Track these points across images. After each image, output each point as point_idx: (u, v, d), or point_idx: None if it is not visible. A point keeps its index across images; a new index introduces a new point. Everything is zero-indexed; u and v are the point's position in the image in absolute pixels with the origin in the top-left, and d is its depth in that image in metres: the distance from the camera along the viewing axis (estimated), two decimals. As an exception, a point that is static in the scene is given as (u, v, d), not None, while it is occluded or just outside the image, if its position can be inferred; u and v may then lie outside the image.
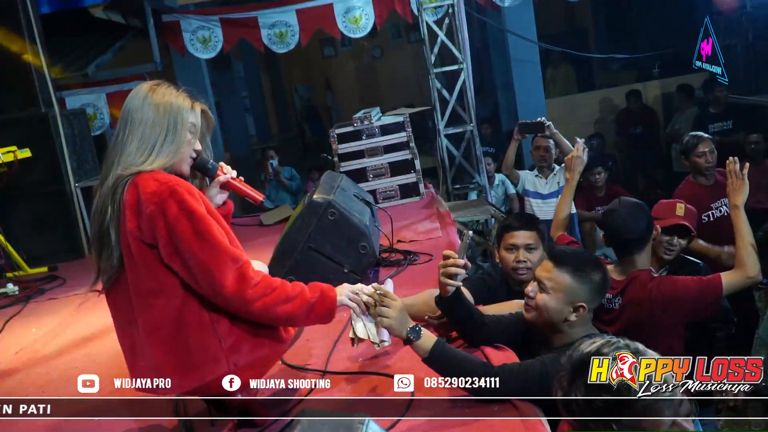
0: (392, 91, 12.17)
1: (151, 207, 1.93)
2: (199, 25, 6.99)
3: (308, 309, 2.08)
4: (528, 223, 3.13)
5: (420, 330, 2.20)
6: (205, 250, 1.95)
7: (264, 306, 2.00)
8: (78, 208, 5.36)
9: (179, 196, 1.95)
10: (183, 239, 1.94)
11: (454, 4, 5.89)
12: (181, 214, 1.94)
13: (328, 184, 3.58)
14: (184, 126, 2.07)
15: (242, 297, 1.97)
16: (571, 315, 2.29)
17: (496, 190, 6.66)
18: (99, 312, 3.95)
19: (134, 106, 2.05)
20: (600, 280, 2.34)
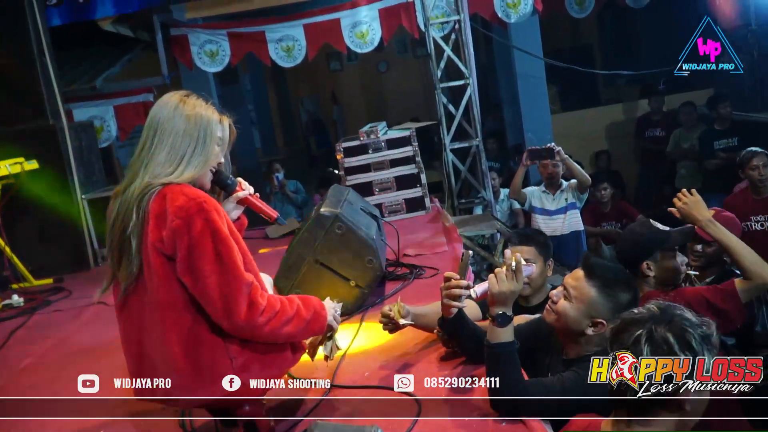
0: (398, 105, 12.21)
1: (177, 221, 1.92)
2: (206, 39, 7.02)
3: (305, 327, 2.13)
4: (527, 238, 3.14)
5: (510, 321, 2.21)
6: (222, 275, 1.95)
7: (270, 330, 2.02)
8: (85, 220, 5.37)
9: (206, 213, 1.95)
10: (203, 258, 1.94)
11: (461, 19, 5.92)
12: (206, 232, 1.94)
13: (335, 197, 3.59)
14: (213, 138, 2.07)
15: (253, 324, 1.98)
16: (588, 329, 2.28)
17: (501, 205, 6.66)
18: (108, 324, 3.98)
19: (165, 116, 2.05)
20: (627, 301, 2.28)
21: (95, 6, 6.23)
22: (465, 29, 5.93)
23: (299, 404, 2.53)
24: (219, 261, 1.94)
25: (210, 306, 1.96)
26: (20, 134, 5.18)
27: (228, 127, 2.15)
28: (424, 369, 2.69)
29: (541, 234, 3.21)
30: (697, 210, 2.80)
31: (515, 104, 8.32)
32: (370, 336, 3.14)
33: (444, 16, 6.37)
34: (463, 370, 2.59)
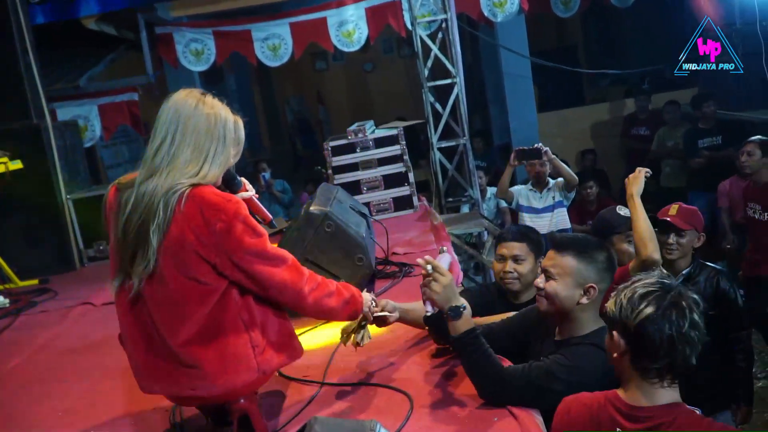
0: (383, 104, 12.21)
1: (220, 224, 1.97)
2: (192, 38, 6.98)
3: (344, 305, 2.27)
4: (520, 235, 3.15)
5: (462, 311, 2.27)
6: (268, 263, 2.05)
7: (315, 299, 2.16)
8: (70, 221, 5.32)
9: (243, 215, 2.02)
10: (247, 256, 2.02)
11: (448, 18, 5.92)
12: (246, 231, 2.02)
13: (324, 195, 3.58)
14: (230, 139, 2.09)
15: (300, 291, 2.11)
16: (582, 298, 2.31)
17: (488, 204, 6.68)
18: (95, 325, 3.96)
19: (187, 113, 2.04)
20: (605, 259, 2.37)
21: (79, 4, 6.18)
22: (452, 28, 5.93)
23: (291, 402, 2.52)
24: (263, 250, 2.05)
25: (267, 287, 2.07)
26: (4, 134, 5.11)
27: (242, 128, 2.16)
28: (415, 365, 2.70)
29: (534, 231, 3.21)
30: (631, 185, 3.05)
31: (501, 103, 8.34)
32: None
33: (430, 15, 6.38)
34: (455, 366, 2.59)
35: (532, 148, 5.20)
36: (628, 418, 1.85)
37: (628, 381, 1.90)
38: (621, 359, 1.89)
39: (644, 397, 1.86)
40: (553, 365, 2.20)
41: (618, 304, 1.88)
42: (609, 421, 1.88)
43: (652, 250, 2.90)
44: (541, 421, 2.15)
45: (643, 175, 3.08)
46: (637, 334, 1.82)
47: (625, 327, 1.85)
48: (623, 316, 1.85)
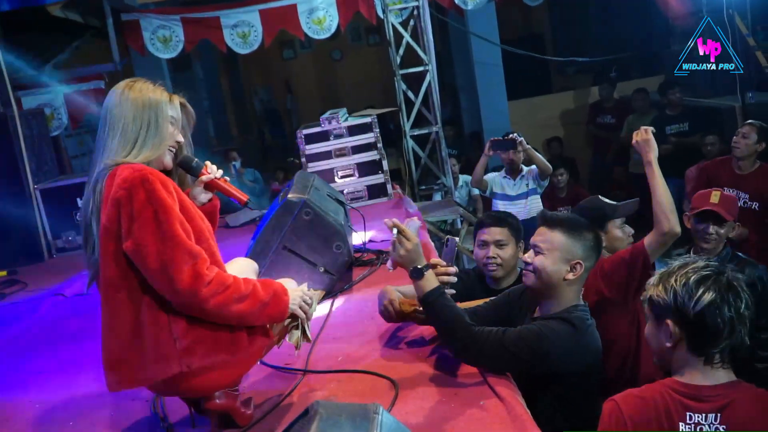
0: (352, 93, 12.15)
1: (121, 192, 1.93)
2: (159, 25, 6.87)
3: (261, 308, 2.05)
4: (499, 219, 3.19)
5: (424, 271, 2.31)
6: (163, 242, 1.91)
7: (217, 305, 1.96)
8: (37, 211, 5.22)
9: (150, 184, 1.94)
10: (144, 227, 1.91)
11: (419, 5, 5.92)
12: (147, 202, 1.93)
13: (301, 183, 3.56)
14: (165, 119, 2.08)
15: (196, 295, 1.92)
16: (568, 274, 2.37)
17: (460, 191, 6.72)
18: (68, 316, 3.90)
19: (112, 103, 2.07)
20: (593, 238, 2.44)
21: (44, -10, 6.05)
22: (424, 15, 5.93)
23: (274, 391, 2.51)
24: (159, 229, 1.92)
25: (151, 276, 1.93)
26: (-31, 123, 5.01)
27: (180, 106, 2.16)
28: (398, 351, 2.71)
29: (512, 216, 3.25)
30: (647, 150, 2.97)
31: (472, 91, 8.36)
32: (340, 321, 3.14)
33: (401, 2, 6.36)
34: (438, 351, 2.61)
35: (507, 139, 5.24)
36: (696, 399, 1.87)
37: (683, 367, 1.91)
38: (674, 348, 1.89)
39: (706, 380, 1.87)
40: (523, 331, 2.27)
41: (671, 292, 1.87)
42: (677, 405, 1.88)
43: (674, 222, 2.85)
44: (524, 404, 2.18)
45: (651, 135, 2.99)
46: (698, 320, 1.83)
47: (682, 314, 1.85)
48: (679, 303, 1.85)
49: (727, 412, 1.84)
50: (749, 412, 1.83)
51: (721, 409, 1.85)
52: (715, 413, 1.84)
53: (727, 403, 1.85)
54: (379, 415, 1.16)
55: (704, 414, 1.85)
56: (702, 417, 1.85)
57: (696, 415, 1.85)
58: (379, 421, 1.14)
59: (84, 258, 2.10)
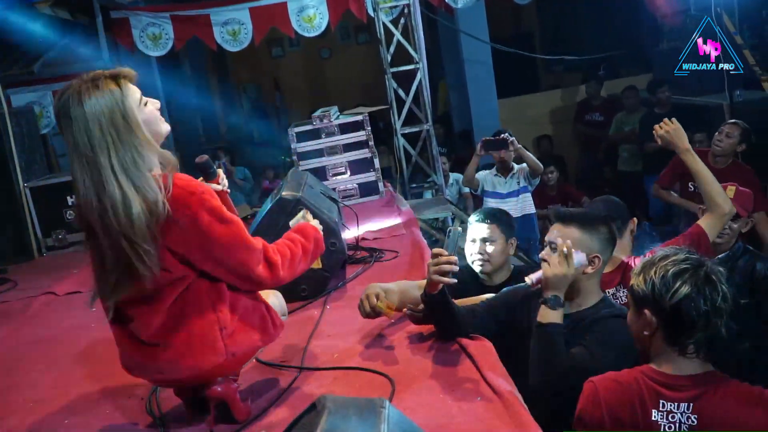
0: (341, 92, 12.14)
1: (184, 219, 1.94)
2: (149, 22, 6.83)
3: (311, 257, 2.32)
4: (488, 216, 3.20)
5: (560, 305, 2.34)
6: (240, 251, 2.03)
7: (291, 275, 2.19)
8: (27, 209, 5.19)
9: (209, 204, 1.98)
10: (218, 245, 2.00)
11: (410, 3, 5.92)
12: (213, 221, 1.98)
13: (295, 181, 3.57)
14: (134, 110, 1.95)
15: (277, 280, 2.14)
16: (587, 268, 2.40)
17: (450, 189, 6.73)
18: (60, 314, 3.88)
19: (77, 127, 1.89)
20: (607, 231, 2.48)
21: (33, -13, 6.01)
22: (414, 13, 5.94)
23: (270, 388, 2.52)
24: (233, 238, 2.02)
25: (239, 281, 2.08)
26: (-42, 121, 4.97)
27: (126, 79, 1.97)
28: (393, 347, 2.71)
29: (505, 213, 3.27)
30: (678, 138, 2.99)
31: (462, 89, 8.38)
32: (335, 318, 3.15)
33: (391, 0, 6.37)
34: (433, 347, 2.62)
35: (499, 139, 5.27)
36: (670, 387, 1.91)
37: (659, 356, 1.96)
38: (652, 336, 1.95)
39: (680, 369, 1.92)
40: (592, 345, 2.29)
41: (649, 283, 1.91)
42: (650, 392, 1.92)
43: (729, 203, 2.94)
44: (521, 399, 2.19)
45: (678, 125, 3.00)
46: (674, 312, 1.88)
47: (659, 306, 1.90)
48: (657, 295, 1.90)
49: (700, 403, 1.88)
50: (722, 403, 1.87)
51: (694, 399, 1.89)
52: (688, 402, 1.89)
53: (700, 394, 1.89)
54: (385, 409, 1.17)
55: (677, 403, 1.89)
56: (674, 405, 1.89)
57: (669, 403, 1.90)
58: (386, 414, 1.15)
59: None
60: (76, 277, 4.41)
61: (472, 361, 2.42)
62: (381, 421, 1.11)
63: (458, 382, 2.32)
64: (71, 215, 5.19)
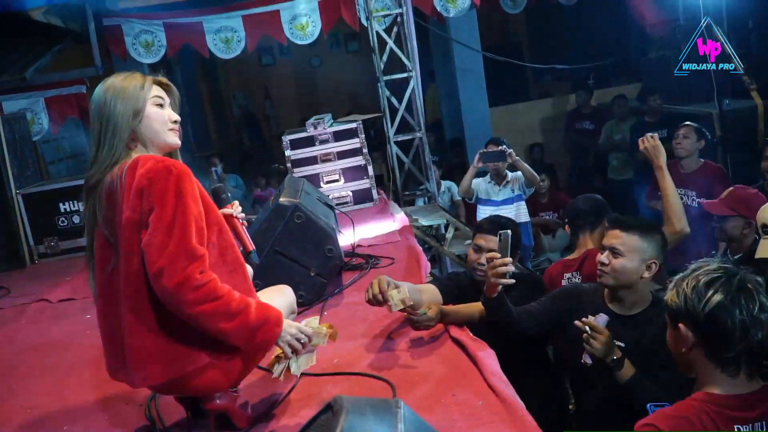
0: (331, 100, 12.17)
1: (144, 182, 1.91)
2: (141, 29, 6.84)
3: (247, 332, 1.95)
4: (499, 228, 3.18)
5: (623, 361, 2.49)
6: (170, 235, 1.88)
7: (200, 313, 1.88)
8: (19, 216, 5.15)
9: (174, 176, 1.93)
10: (160, 215, 1.90)
11: (404, 12, 5.95)
12: (171, 192, 1.91)
13: (292, 187, 3.57)
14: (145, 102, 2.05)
15: (180, 295, 1.87)
16: (645, 272, 2.60)
17: (442, 197, 6.75)
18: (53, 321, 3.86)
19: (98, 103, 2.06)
20: (662, 237, 2.67)
21: (26, -5, 6.00)
22: (408, 22, 5.96)
23: (269, 394, 2.52)
24: (172, 224, 1.89)
25: (146, 263, 1.89)
26: (-50, 127, 4.94)
27: (163, 86, 2.13)
28: (393, 353, 2.72)
29: (512, 221, 3.26)
30: (655, 155, 3.27)
31: (453, 98, 8.41)
32: (333, 324, 3.14)
33: (384, 9, 6.40)
34: (433, 352, 2.63)
35: (497, 151, 5.31)
36: (737, 409, 1.79)
37: (706, 376, 1.84)
38: (692, 352, 1.85)
39: (738, 388, 1.81)
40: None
41: (682, 295, 1.82)
42: (721, 419, 1.79)
43: (684, 224, 3.15)
44: (522, 403, 2.20)
45: (659, 141, 3.24)
46: (708, 323, 1.77)
47: (693, 318, 1.80)
48: (689, 306, 1.80)
49: None
50: None
51: (765, 415, 1.78)
52: (761, 421, 1.77)
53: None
54: (401, 409, 1.18)
55: (751, 423, 1.77)
56: (749, 427, 1.77)
57: (744, 426, 1.77)
58: (402, 414, 1.16)
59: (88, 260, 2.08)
60: (69, 284, 4.39)
61: (474, 364, 2.44)
62: (398, 421, 1.12)
63: (459, 386, 2.33)
64: (63, 222, 5.17)
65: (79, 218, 5.11)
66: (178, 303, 1.87)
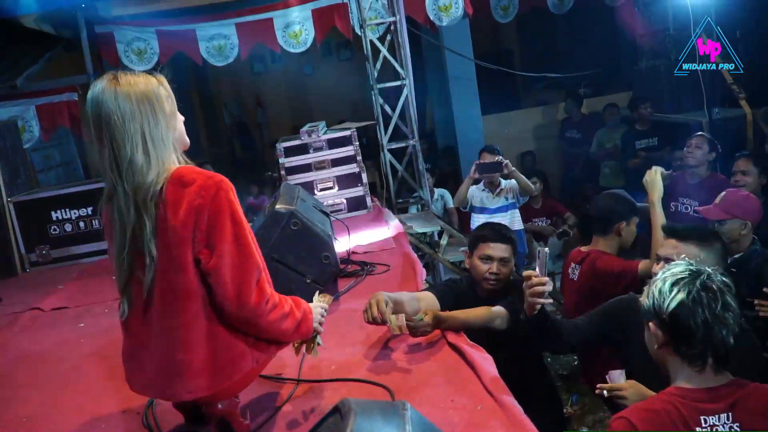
0: (323, 108, 12.18)
1: (199, 200, 1.88)
2: (134, 37, 6.84)
3: (296, 326, 2.11)
4: (504, 236, 3.19)
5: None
6: (238, 256, 1.91)
7: (272, 321, 2.00)
8: (11, 224, 5.11)
9: (227, 193, 1.91)
10: (222, 237, 1.89)
11: (397, 21, 5.97)
12: (226, 211, 1.90)
13: (288, 194, 3.57)
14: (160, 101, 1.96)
15: (260, 310, 1.95)
16: None
17: (435, 205, 6.77)
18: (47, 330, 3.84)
19: (108, 110, 1.89)
20: (721, 246, 2.57)
21: (17, 2, 5.97)
22: (401, 31, 5.98)
23: (268, 401, 2.51)
24: (236, 242, 1.91)
25: (220, 286, 1.90)
26: (-60, 134, 4.91)
27: (167, 85, 2.05)
28: (390, 358, 2.72)
29: (511, 231, 3.27)
30: (650, 188, 3.42)
31: (446, 106, 8.44)
32: (330, 330, 3.14)
33: (377, 17, 6.42)
34: (430, 357, 2.63)
35: (494, 162, 5.33)
36: (706, 401, 1.89)
37: (676, 371, 1.95)
38: (662, 350, 1.95)
39: (707, 382, 1.91)
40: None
41: (650, 296, 1.95)
42: (689, 411, 1.88)
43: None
44: (520, 408, 2.20)
45: (659, 176, 3.33)
46: (673, 321, 1.89)
47: (660, 317, 1.92)
48: (656, 306, 1.92)
49: (737, 410, 1.87)
50: (758, 406, 1.87)
51: (731, 407, 1.88)
52: (727, 412, 1.87)
53: (734, 401, 1.88)
54: (407, 411, 1.19)
55: (717, 415, 1.87)
56: (716, 418, 1.87)
57: (710, 417, 1.88)
58: (409, 416, 1.16)
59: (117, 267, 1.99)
60: (63, 293, 4.36)
61: (472, 369, 2.44)
62: (406, 422, 1.12)
63: (458, 391, 2.33)
64: (56, 230, 5.14)
65: (71, 226, 5.08)
66: (256, 315, 1.96)
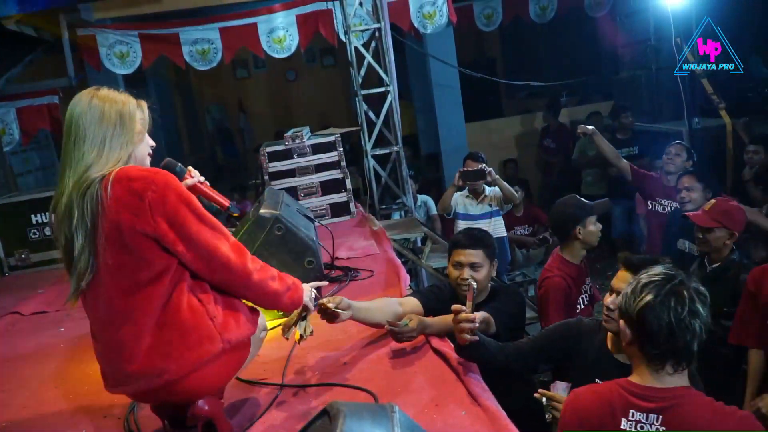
0: (306, 113, 12.17)
1: (150, 194, 1.94)
2: (116, 40, 6.77)
3: (286, 290, 2.22)
4: (476, 241, 3.16)
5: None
6: (208, 231, 2.01)
7: (260, 279, 2.10)
8: (-10, 227, 5.06)
9: (175, 187, 1.99)
10: (186, 222, 1.97)
11: (381, 28, 5.98)
12: (180, 201, 1.98)
13: (272, 199, 3.56)
14: (132, 119, 2.07)
15: (245, 267, 2.06)
16: None
17: (418, 211, 6.77)
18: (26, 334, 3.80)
19: (80, 111, 2.04)
20: None
21: (-2, 4, 5.90)
22: (386, 37, 5.99)
23: (251, 406, 2.50)
24: (200, 221, 2.01)
25: (207, 263, 2.01)
26: None
27: (147, 110, 2.15)
28: (373, 363, 2.72)
29: (488, 236, 3.25)
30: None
31: (430, 112, 8.45)
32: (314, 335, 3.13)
33: (362, 24, 6.43)
34: (413, 362, 2.64)
35: (477, 170, 5.35)
36: (640, 398, 1.95)
37: (637, 366, 2.02)
38: (630, 347, 2.02)
39: (653, 381, 1.96)
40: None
41: (624, 295, 2.01)
42: (623, 402, 1.97)
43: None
44: (504, 412, 2.21)
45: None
46: (639, 321, 1.94)
47: (628, 315, 1.98)
48: (627, 305, 1.98)
49: (669, 415, 1.91)
50: (692, 416, 1.90)
51: (663, 410, 1.92)
52: (657, 414, 1.93)
53: (669, 406, 1.92)
54: (396, 413, 1.19)
55: (646, 413, 1.94)
56: (643, 416, 1.94)
57: (638, 413, 1.94)
58: (397, 419, 1.16)
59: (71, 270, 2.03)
60: (42, 297, 4.32)
61: (456, 374, 2.45)
62: (394, 425, 1.12)
63: (442, 396, 2.34)
64: (35, 234, 5.09)
65: (51, 230, 5.03)
66: (245, 275, 2.06)
